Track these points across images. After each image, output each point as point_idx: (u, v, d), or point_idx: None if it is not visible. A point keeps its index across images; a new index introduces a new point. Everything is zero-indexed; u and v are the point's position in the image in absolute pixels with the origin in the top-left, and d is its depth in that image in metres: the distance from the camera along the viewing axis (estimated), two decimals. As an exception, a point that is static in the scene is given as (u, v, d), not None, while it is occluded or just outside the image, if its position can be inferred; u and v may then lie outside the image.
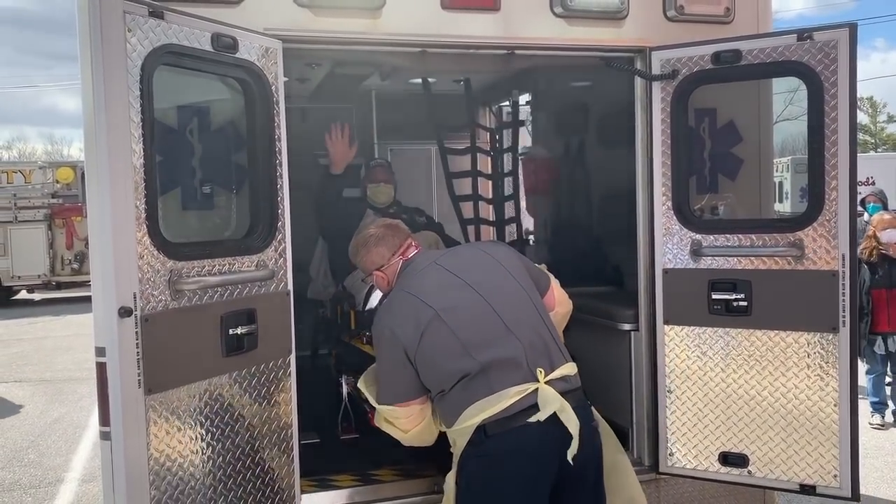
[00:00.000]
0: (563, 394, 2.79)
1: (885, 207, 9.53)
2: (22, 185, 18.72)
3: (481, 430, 2.76)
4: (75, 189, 18.70)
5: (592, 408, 3.02)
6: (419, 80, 6.10)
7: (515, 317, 2.89)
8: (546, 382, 2.78)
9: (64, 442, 7.81)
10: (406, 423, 3.02)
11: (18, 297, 19.64)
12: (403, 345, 2.84)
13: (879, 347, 7.23)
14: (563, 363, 2.90)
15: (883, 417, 7.46)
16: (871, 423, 7.32)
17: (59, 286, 18.60)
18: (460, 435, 2.84)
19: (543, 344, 2.89)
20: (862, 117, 45.89)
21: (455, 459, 2.91)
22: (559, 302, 3.29)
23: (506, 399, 2.74)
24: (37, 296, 19.75)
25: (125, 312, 2.69)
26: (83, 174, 19.13)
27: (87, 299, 3.32)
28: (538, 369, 2.79)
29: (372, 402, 3.16)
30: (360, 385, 3.27)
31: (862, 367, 7.43)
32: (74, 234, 18.32)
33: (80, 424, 8.36)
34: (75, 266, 18.24)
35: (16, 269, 18.22)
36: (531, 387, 2.76)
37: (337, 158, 5.16)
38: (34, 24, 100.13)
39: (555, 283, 3.31)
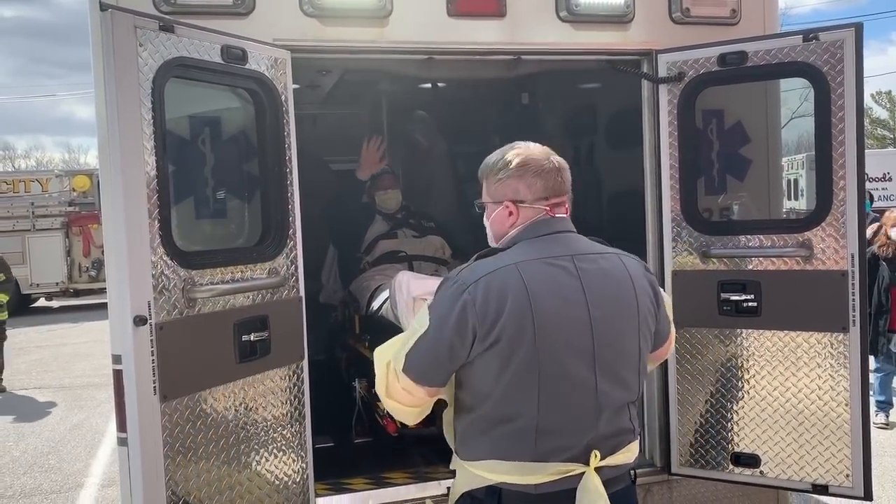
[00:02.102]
0: (610, 480, 2.24)
1: (872, 201, 9.53)
2: (39, 193, 18.93)
3: (495, 492, 2.22)
4: (92, 197, 18.90)
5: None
6: (429, 86, 6.14)
7: (612, 383, 2.24)
8: (597, 469, 2.21)
9: (84, 447, 7.91)
10: (398, 394, 2.32)
11: (37, 304, 19.85)
12: (476, 337, 2.14)
13: (895, 345, 7.18)
14: (627, 445, 2.31)
15: (887, 417, 7.41)
16: (874, 423, 7.26)
17: (77, 293, 18.83)
18: (466, 475, 2.30)
19: (619, 423, 2.28)
20: (881, 112, 45.48)
21: (451, 499, 2.39)
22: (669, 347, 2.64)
23: (543, 474, 2.18)
24: (55, 303, 19.95)
25: (140, 321, 2.74)
26: (99, 182, 19.29)
27: (105, 306, 3.39)
28: (594, 451, 2.20)
29: (384, 362, 2.35)
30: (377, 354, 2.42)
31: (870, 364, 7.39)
32: (91, 241, 18.51)
33: (100, 430, 8.46)
34: (92, 273, 18.43)
35: (34, 277, 18.43)
36: (577, 469, 2.19)
37: (366, 165, 5.33)
38: (47, 34, 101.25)
39: (672, 329, 2.62)
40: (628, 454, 2.31)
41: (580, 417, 2.20)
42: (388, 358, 2.31)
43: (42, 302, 19.92)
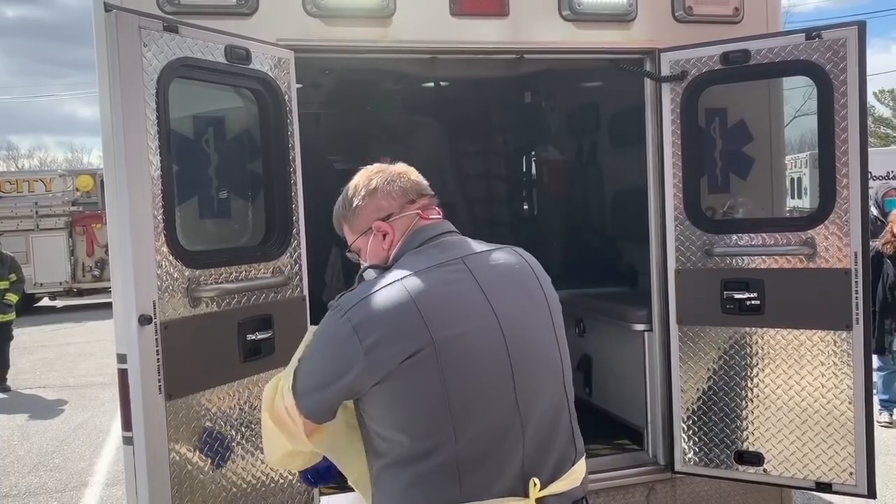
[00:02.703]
0: None
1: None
2: (43, 193, 18.98)
3: None
4: (95, 197, 18.95)
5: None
6: (431, 84, 6.16)
7: (534, 391, 1.94)
8: (539, 499, 1.90)
9: (88, 446, 7.93)
10: (278, 411, 2.02)
11: (41, 304, 19.89)
12: (362, 368, 1.83)
13: None
14: (569, 466, 2.00)
15: (891, 415, 7.39)
16: (878, 422, 7.23)
17: (81, 293, 18.87)
18: None
19: (554, 440, 1.97)
20: (883, 111, 45.43)
21: None
22: None
23: None
24: (59, 303, 20.00)
25: (145, 320, 2.76)
26: (102, 182, 19.35)
27: (108, 306, 3.40)
28: (533, 479, 1.89)
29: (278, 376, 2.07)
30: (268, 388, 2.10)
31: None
32: (95, 241, 18.56)
33: (104, 429, 8.48)
34: (96, 273, 18.49)
35: (38, 277, 18.45)
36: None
37: None
38: (50, 34, 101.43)
39: None
40: (574, 477, 1.99)
41: (503, 438, 1.88)
42: (282, 373, 2.06)
43: (46, 301, 19.97)
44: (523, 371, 1.91)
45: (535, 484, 1.88)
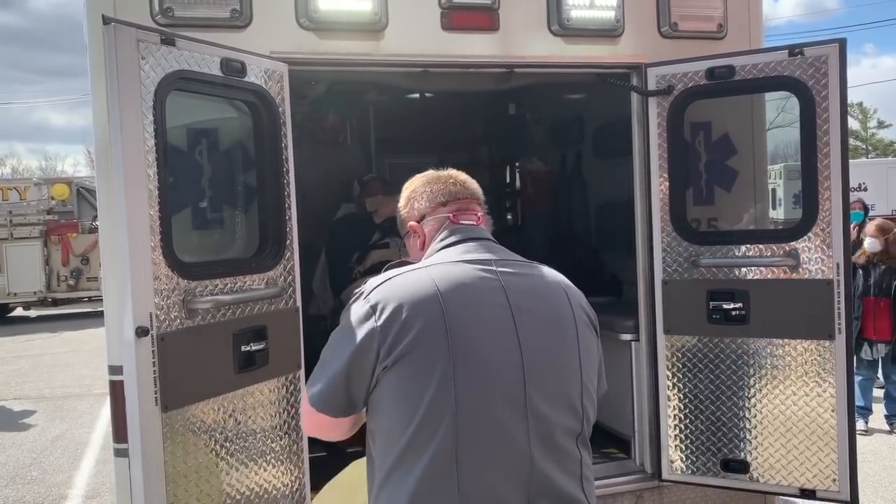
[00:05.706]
0: None
1: (867, 213, 9.81)
2: (17, 201, 18.74)
3: None
4: (70, 205, 18.79)
5: None
6: (417, 96, 6.20)
7: (547, 408, 1.88)
8: None
9: (66, 459, 7.82)
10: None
11: (14, 314, 19.60)
12: (376, 343, 1.81)
13: (866, 353, 7.33)
14: None
15: (867, 423, 7.51)
16: None
17: (56, 303, 18.61)
18: None
19: (562, 478, 1.88)
20: (852, 123, 46.27)
21: None
22: None
23: None
24: (33, 312, 19.71)
25: (142, 332, 2.75)
26: (78, 191, 19.22)
27: (84, 315, 3.40)
28: None
29: None
30: None
31: None
32: (70, 250, 18.34)
33: (82, 441, 8.37)
34: (71, 282, 18.24)
35: (12, 286, 18.20)
36: None
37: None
38: (20, 40, 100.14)
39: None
40: None
41: (505, 447, 1.82)
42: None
43: (19, 311, 19.68)
44: (538, 385, 1.85)
45: None
